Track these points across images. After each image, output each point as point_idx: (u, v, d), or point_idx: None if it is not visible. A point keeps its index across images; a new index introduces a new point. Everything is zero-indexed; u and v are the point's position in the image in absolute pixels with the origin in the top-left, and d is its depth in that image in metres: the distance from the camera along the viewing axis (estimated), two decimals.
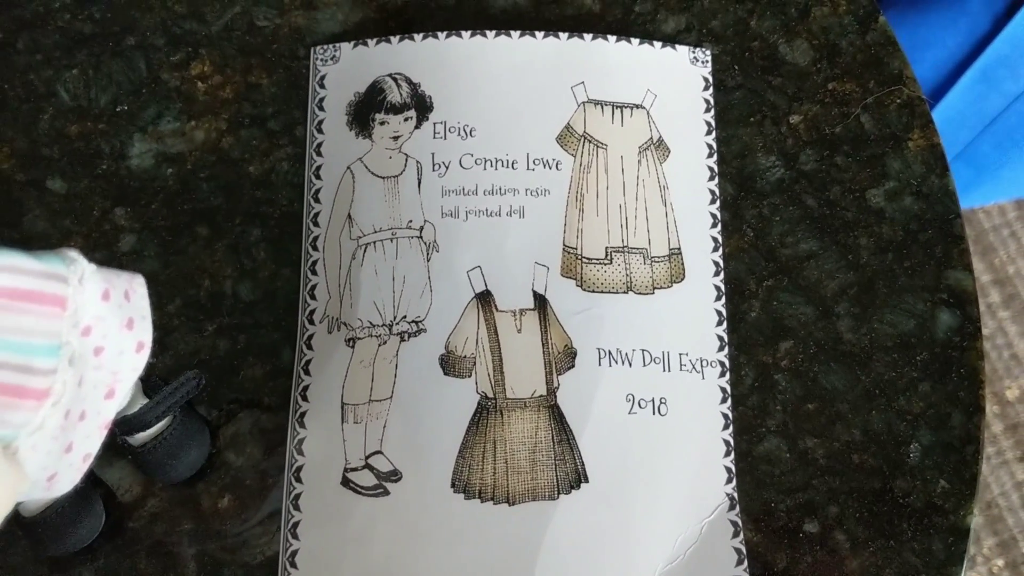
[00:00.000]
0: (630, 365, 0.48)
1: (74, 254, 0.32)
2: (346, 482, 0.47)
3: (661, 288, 0.50)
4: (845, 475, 0.48)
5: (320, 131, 0.52)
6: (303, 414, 0.48)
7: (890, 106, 0.54)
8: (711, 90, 0.54)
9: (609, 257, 0.50)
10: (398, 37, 0.53)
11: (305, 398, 0.48)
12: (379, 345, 0.49)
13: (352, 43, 0.54)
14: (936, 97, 0.85)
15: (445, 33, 0.53)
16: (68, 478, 0.35)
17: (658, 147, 0.52)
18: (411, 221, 0.50)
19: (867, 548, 0.47)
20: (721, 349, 0.50)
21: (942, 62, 0.84)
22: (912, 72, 0.54)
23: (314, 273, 0.50)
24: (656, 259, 0.50)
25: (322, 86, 0.53)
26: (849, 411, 0.49)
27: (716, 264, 0.51)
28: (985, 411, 0.50)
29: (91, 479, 0.47)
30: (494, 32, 0.53)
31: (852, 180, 0.53)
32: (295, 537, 0.46)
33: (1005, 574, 1.34)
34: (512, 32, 0.53)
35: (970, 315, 0.51)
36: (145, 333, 0.36)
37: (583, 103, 0.52)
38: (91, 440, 0.35)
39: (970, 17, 0.80)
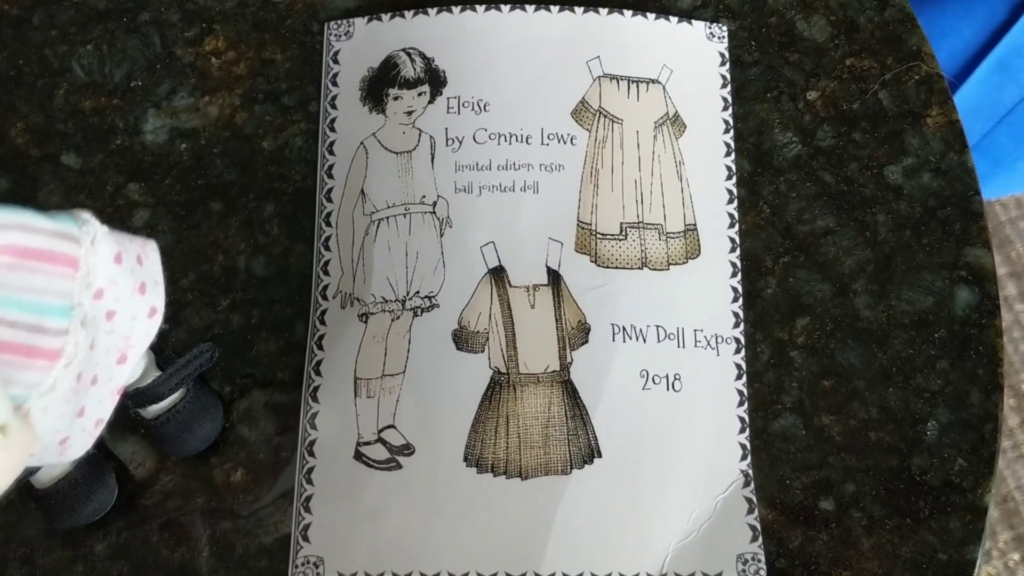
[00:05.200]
0: (644, 341, 0.48)
1: (87, 215, 0.32)
2: (359, 456, 0.47)
3: (676, 264, 0.50)
4: (861, 453, 0.48)
5: (334, 107, 0.52)
6: (316, 388, 0.48)
7: (908, 82, 0.53)
8: (727, 66, 0.53)
9: (624, 233, 0.50)
10: (412, 12, 0.53)
11: (318, 373, 0.48)
12: (392, 320, 0.48)
13: (366, 18, 0.53)
14: (952, 88, 0.84)
15: (459, 7, 0.53)
16: (80, 443, 0.35)
17: (674, 122, 0.52)
18: (424, 196, 0.50)
19: (883, 526, 0.47)
20: (737, 326, 0.49)
21: (959, 52, 0.83)
22: (931, 48, 0.54)
23: (327, 249, 0.50)
24: (671, 235, 0.50)
25: (336, 61, 0.53)
26: (866, 388, 0.49)
27: (732, 240, 0.51)
28: (1004, 389, 0.49)
29: (104, 452, 0.47)
30: (509, 6, 0.53)
31: (870, 157, 0.52)
32: (308, 511, 0.46)
33: (1021, 568, 1.33)
34: (527, 6, 0.53)
35: (989, 292, 0.50)
36: (157, 298, 0.36)
37: (598, 78, 0.52)
38: (103, 405, 0.35)
39: (987, 6, 0.80)
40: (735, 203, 0.51)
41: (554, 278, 0.49)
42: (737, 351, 0.49)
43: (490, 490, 0.46)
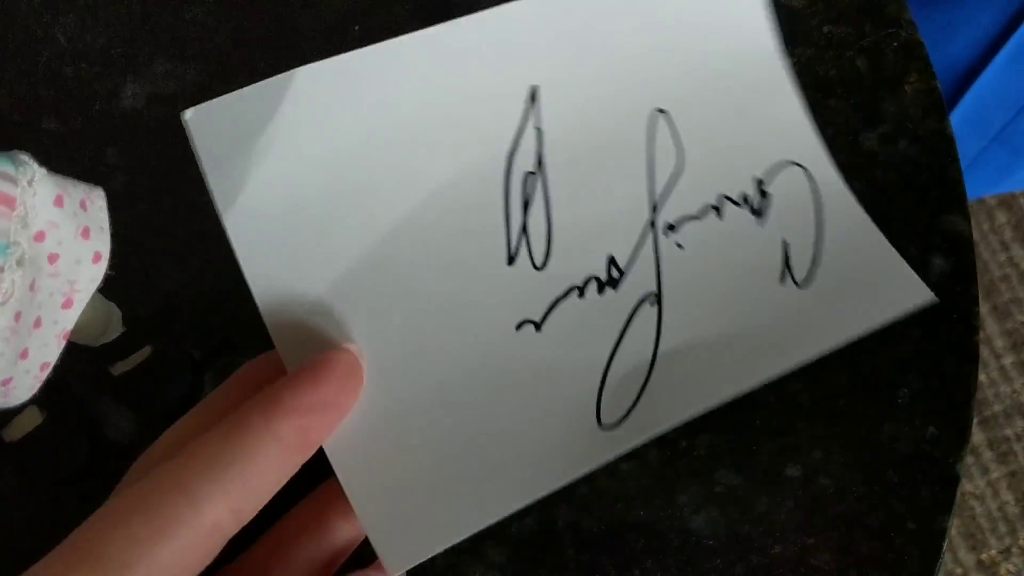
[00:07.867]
0: None
1: (25, 157, 0.33)
2: None
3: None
4: (830, 419, 0.47)
5: None
6: None
7: (886, 49, 0.53)
8: None
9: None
10: None
11: None
12: None
13: None
14: (971, 77, 0.83)
15: None
16: (25, 385, 0.36)
17: None
18: None
19: (851, 493, 0.46)
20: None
21: (977, 40, 0.82)
22: (910, 15, 0.53)
23: None
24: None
25: None
26: (836, 354, 0.48)
27: None
28: (979, 358, 0.48)
29: (75, 408, 0.48)
30: None
31: (845, 123, 0.52)
32: None
33: None
34: None
35: (965, 259, 0.49)
36: (103, 244, 0.37)
37: None
38: (48, 349, 0.36)
39: None
40: None
41: None
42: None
43: None
